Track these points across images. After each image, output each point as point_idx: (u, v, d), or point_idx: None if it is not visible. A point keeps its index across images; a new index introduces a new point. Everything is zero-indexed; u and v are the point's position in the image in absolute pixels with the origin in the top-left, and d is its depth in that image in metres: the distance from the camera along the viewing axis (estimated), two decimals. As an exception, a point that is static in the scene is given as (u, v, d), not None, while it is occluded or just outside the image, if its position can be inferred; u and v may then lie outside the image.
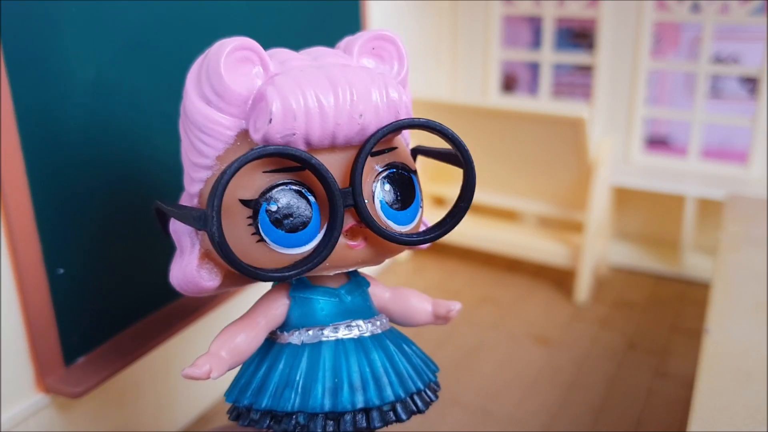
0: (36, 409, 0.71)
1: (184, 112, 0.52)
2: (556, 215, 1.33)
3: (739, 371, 0.64)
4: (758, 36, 1.29)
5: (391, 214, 0.52)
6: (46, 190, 0.68)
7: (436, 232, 0.53)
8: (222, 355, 0.52)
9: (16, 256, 0.66)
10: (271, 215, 0.48)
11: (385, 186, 0.51)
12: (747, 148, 1.29)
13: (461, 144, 0.52)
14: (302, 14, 0.97)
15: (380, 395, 0.51)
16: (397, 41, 0.55)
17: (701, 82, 1.30)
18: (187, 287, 0.56)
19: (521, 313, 1.22)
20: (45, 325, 0.70)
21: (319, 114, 0.47)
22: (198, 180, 0.52)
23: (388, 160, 0.52)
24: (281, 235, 0.48)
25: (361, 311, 0.55)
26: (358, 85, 0.48)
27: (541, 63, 1.44)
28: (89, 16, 0.69)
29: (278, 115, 0.47)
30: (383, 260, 0.54)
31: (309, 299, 0.54)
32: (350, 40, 0.55)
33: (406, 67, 0.56)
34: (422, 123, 0.51)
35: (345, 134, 0.48)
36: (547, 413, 0.95)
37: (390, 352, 0.54)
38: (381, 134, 0.49)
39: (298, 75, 0.48)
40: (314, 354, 0.52)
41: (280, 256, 0.49)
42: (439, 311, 0.59)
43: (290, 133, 0.47)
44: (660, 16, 1.31)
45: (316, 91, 0.47)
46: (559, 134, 1.20)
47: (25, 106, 0.65)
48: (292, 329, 0.54)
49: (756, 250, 0.88)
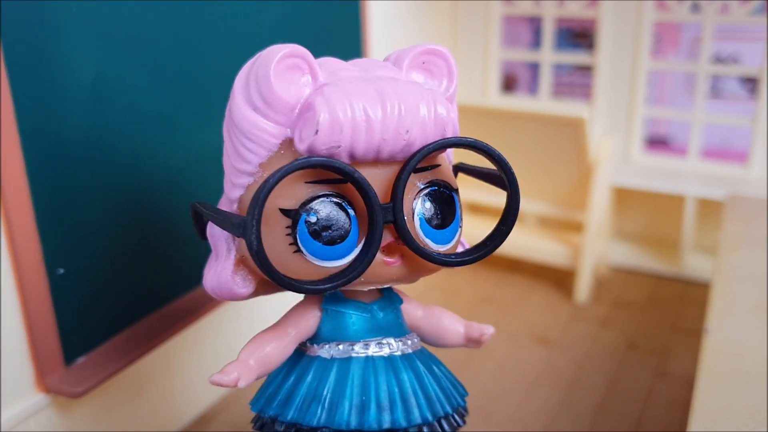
0: (36, 409, 0.71)
1: (230, 116, 0.52)
2: (556, 215, 1.33)
3: (739, 371, 0.64)
4: (758, 36, 1.29)
5: (429, 232, 0.51)
6: (46, 189, 0.68)
7: (475, 255, 0.52)
8: (251, 364, 0.51)
9: (16, 256, 0.66)
10: (310, 226, 0.48)
11: (426, 204, 0.51)
12: (747, 148, 1.29)
13: (507, 166, 0.51)
14: (302, 14, 0.97)
15: (407, 417, 0.51)
16: (448, 56, 0.54)
17: (701, 82, 1.30)
18: (220, 292, 0.55)
19: (521, 313, 1.22)
20: (45, 325, 0.70)
21: (366, 127, 0.46)
22: (239, 185, 0.52)
23: (430, 178, 0.51)
24: (319, 248, 0.48)
25: (392, 329, 0.55)
26: (406, 99, 0.48)
27: (541, 63, 1.44)
28: (89, 16, 0.69)
29: (325, 127, 0.46)
30: (417, 279, 0.53)
31: (341, 313, 0.53)
32: (401, 52, 0.55)
33: (456, 83, 0.55)
34: (469, 143, 0.50)
35: (390, 149, 0.48)
36: (547, 413, 0.95)
37: (420, 373, 0.54)
38: (426, 152, 0.48)
39: (347, 86, 0.48)
40: (343, 369, 0.52)
41: (316, 268, 0.49)
42: (472, 334, 0.59)
43: (336, 146, 0.46)
44: (660, 16, 1.31)
45: (364, 104, 0.47)
46: (559, 134, 1.20)
47: (26, 106, 0.65)
48: (323, 342, 0.53)
49: (756, 250, 0.88)
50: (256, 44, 0.55)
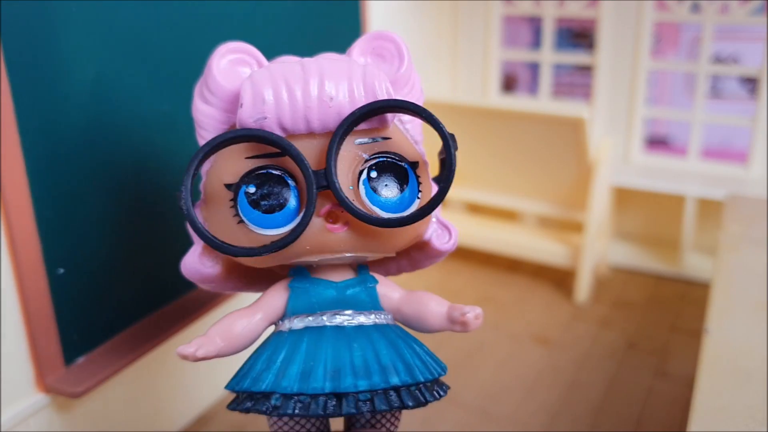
0: (36, 409, 0.71)
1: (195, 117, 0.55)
2: (556, 215, 1.33)
3: (739, 371, 0.64)
4: (758, 36, 1.29)
5: (378, 201, 0.51)
6: (46, 189, 0.68)
7: (415, 214, 0.52)
8: (215, 340, 0.52)
9: (17, 256, 0.66)
10: (249, 197, 0.50)
11: (372, 173, 0.51)
12: (747, 148, 1.29)
13: (439, 125, 0.51)
14: (302, 14, 0.97)
15: (385, 379, 0.50)
16: (396, 39, 0.56)
17: (701, 82, 1.30)
18: (188, 273, 0.58)
19: (521, 313, 1.22)
20: (45, 325, 0.70)
21: (288, 96, 0.49)
22: (204, 173, 0.54)
23: (378, 149, 0.52)
24: (258, 216, 0.50)
25: (362, 304, 0.54)
26: (330, 71, 0.50)
27: (541, 63, 1.44)
28: (89, 16, 0.69)
29: (248, 99, 0.49)
30: (373, 250, 0.53)
31: (306, 289, 0.54)
32: (354, 43, 0.57)
33: (407, 63, 0.56)
34: (396, 104, 0.50)
35: (318, 118, 0.50)
36: (547, 413, 0.95)
37: (395, 341, 0.52)
38: (354, 116, 0.49)
39: (274, 67, 0.51)
40: (315, 337, 0.51)
41: (258, 236, 0.50)
42: (453, 314, 0.55)
43: (261, 117, 0.49)
44: (660, 16, 1.31)
45: (286, 77, 0.50)
46: (559, 134, 1.20)
47: (25, 106, 0.65)
48: (292, 316, 0.54)
49: (756, 250, 0.88)
50: (255, 44, 0.55)
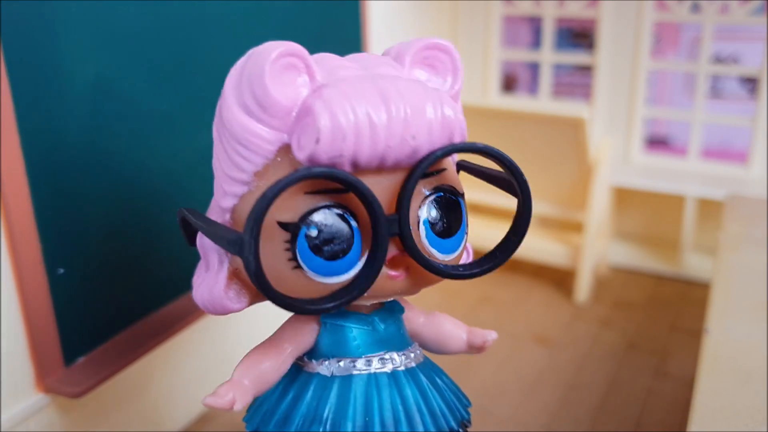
0: (36, 410, 0.71)
1: (221, 119, 0.48)
2: (556, 215, 1.33)
3: (740, 371, 0.64)
4: (758, 36, 1.29)
5: (435, 241, 0.48)
6: (46, 190, 0.68)
7: (484, 267, 0.49)
8: (245, 384, 0.48)
9: (17, 256, 0.66)
10: (311, 241, 0.44)
11: (432, 212, 0.47)
12: (747, 148, 1.29)
13: (519, 173, 0.48)
14: (302, 14, 0.97)
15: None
16: (452, 51, 0.51)
17: (701, 82, 1.30)
18: (212, 307, 0.51)
19: (521, 313, 1.22)
20: (45, 325, 0.69)
21: (370, 134, 0.43)
22: (231, 194, 0.48)
23: (435, 183, 0.48)
24: (320, 263, 0.44)
25: (394, 341, 0.52)
26: (412, 100, 0.44)
27: (541, 63, 1.44)
28: (89, 17, 0.69)
29: (326, 134, 0.42)
30: (419, 290, 0.50)
31: (341, 327, 0.50)
32: (401, 47, 0.51)
33: (461, 80, 0.52)
34: (480, 148, 0.46)
35: (395, 156, 0.44)
36: (547, 413, 0.95)
37: (423, 387, 0.51)
38: (434, 158, 0.45)
39: (347, 88, 0.44)
40: (345, 387, 0.49)
41: (317, 285, 0.45)
42: (475, 341, 0.56)
43: (338, 155, 0.43)
44: (660, 16, 1.31)
45: (367, 107, 0.43)
46: (559, 134, 1.20)
47: (25, 107, 0.65)
48: (321, 358, 0.50)
49: (756, 250, 0.88)
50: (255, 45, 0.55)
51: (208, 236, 0.48)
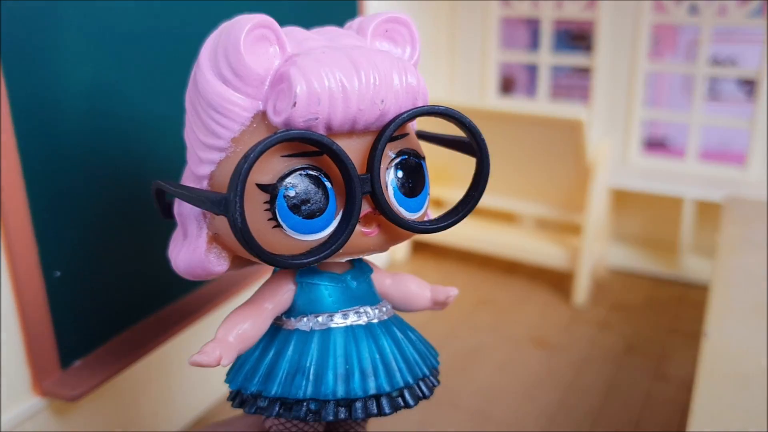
0: (32, 413, 0.70)
1: (195, 89, 0.50)
2: (554, 217, 1.33)
3: (738, 374, 0.64)
4: (756, 38, 1.29)
5: (402, 201, 0.51)
6: (42, 192, 0.67)
7: (449, 220, 0.53)
8: (230, 341, 0.51)
9: (13, 259, 0.66)
10: (289, 200, 0.47)
11: (398, 173, 0.51)
12: (745, 150, 1.29)
13: (477, 132, 0.51)
14: (300, 15, 0.97)
15: (390, 381, 0.51)
16: (410, 24, 0.54)
17: (699, 84, 1.30)
18: (194, 271, 0.54)
19: (519, 316, 1.22)
20: (41, 328, 0.69)
21: (343, 98, 0.46)
22: (209, 162, 0.50)
23: (400, 147, 0.51)
24: (298, 222, 0.47)
25: (367, 297, 0.55)
26: (380, 68, 0.48)
27: (539, 65, 1.44)
28: (86, 19, 0.68)
29: (302, 98, 0.45)
30: (390, 247, 0.54)
31: (316, 285, 0.53)
32: (363, 20, 0.54)
33: (419, 51, 0.55)
34: (442, 111, 0.50)
35: (366, 119, 0.48)
36: (545, 416, 0.95)
37: (397, 338, 0.54)
38: (401, 120, 0.48)
39: (320, 56, 0.47)
40: (324, 340, 0.52)
41: (296, 242, 0.48)
42: (438, 297, 0.59)
43: (313, 118, 0.46)
44: (658, 18, 1.31)
45: (340, 74, 0.46)
46: (557, 136, 1.20)
47: (22, 108, 0.64)
48: (300, 315, 0.53)
49: (755, 252, 0.88)
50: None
51: (190, 201, 0.50)
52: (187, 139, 0.53)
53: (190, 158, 0.53)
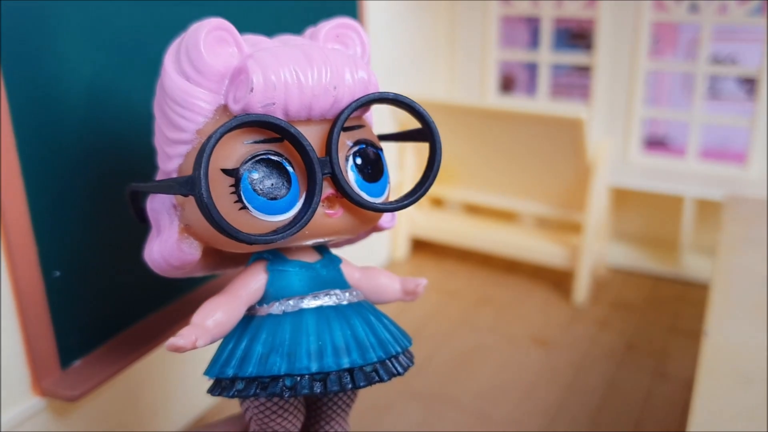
0: (32, 413, 0.70)
1: (162, 91, 0.54)
2: (554, 216, 1.33)
3: (739, 373, 0.64)
4: (756, 36, 1.29)
5: (363, 185, 0.54)
6: (42, 192, 0.67)
7: (409, 200, 0.56)
8: (206, 324, 0.52)
9: (12, 259, 0.66)
10: (253, 183, 0.50)
11: (357, 160, 0.54)
12: (745, 149, 1.29)
13: (428, 118, 0.55)
14: (300, 16, 0.97)
15: (363, 356, 0.53)
16: (359, 29, 0.59)
17: (699, 82, 1.30)
18: (169, 262, 0.57)
19: (519, 315, 1.22)
20: (41, 328, 0.69)
21: (297, 84, 0.50)
22: (176, 155, 0.53)
23: (357, 137, 0.54)
24: (263, 203, 0.50)
25: (337, 282, 0.57)
26: (333, 61, 0.51)
27: (539, 63, 1.44)
28: (86, 18, 0.68)
29: (259, 85, 0.49)
30: (358, 231, 0.56)
31: (286, 272, 0.55)
32: (315, 28, 0.58)
33: (368, 53, 0.59)
34: (391, 97, 0.54)
35: (320, 106, 0.51)
36: (545, 415, 0.95)
37: (369, 318, 0.56)
38: (355, 106, 0.52)
39: (276, 51, 0.51)
40: (297, 321, 0.53)
41: (262, 223, 0.50)
42: (408, 286, 0.61)
43: (270, 103, 0.49)
44: (658, 17, 1.31)
45: (294, 65, 0.50)
46: (557, 135, 1.20)
47: (22, 109, 0.64)
48: (272, 301, 0.55)
49: (755, 250, 0.88)
50: (252, 45, 0.55)
51: (160, 190, 0.54)
52: (156, 144, 0.57)
53: (159, 159, 0.57)
